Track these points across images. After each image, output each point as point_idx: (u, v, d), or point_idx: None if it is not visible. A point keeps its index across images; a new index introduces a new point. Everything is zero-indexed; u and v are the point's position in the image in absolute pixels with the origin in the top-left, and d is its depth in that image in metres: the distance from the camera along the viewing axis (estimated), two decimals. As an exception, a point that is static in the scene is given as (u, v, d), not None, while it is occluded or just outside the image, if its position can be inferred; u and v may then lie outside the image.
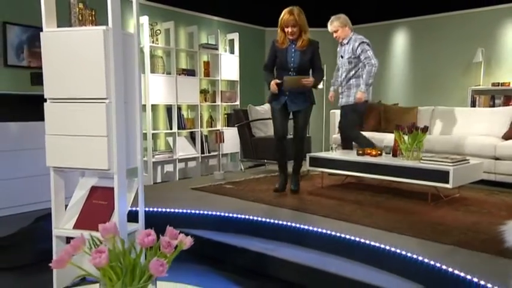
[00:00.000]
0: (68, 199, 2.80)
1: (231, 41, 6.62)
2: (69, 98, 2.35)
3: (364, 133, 5.58)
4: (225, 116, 6.53)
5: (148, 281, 1.25)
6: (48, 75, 2.38)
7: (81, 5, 2.44)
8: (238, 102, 6.58)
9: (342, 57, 4.58)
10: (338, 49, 4.66)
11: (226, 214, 3.13)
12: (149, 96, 5.20)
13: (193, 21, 6.19)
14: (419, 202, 3.53)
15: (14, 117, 4.25)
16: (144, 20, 5.24)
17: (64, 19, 2.52)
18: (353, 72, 4.46)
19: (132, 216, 2.61)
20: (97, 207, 2.54)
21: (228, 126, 6.47)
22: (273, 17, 4.30)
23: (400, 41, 6.77)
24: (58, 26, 2.46)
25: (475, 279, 1.96)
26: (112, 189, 2.56)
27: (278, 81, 3.71)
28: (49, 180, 4.58)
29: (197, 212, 3.18)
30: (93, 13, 2.45)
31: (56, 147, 2.39)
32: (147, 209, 3.10)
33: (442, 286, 2.10)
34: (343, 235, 2.60)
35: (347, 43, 4.47)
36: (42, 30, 2.28)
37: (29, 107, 4.47)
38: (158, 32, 5.58)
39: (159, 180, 5.46)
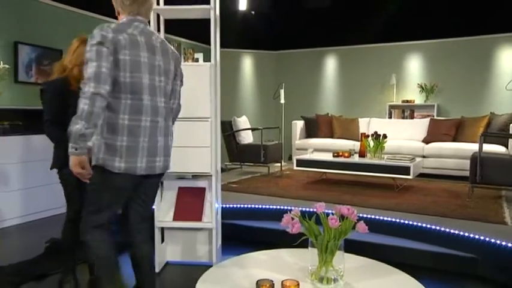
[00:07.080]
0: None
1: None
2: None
3: (320, 140, 6.45)
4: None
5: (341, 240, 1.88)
6: (159, 98, 2.76)
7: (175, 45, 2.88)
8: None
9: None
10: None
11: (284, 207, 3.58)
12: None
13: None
14: (386, 190, 4.49)
15: (30, 130, 4.27)
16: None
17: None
18: None
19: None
20: (189, 203, 2.97)
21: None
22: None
23: (331, 65, 7.87)
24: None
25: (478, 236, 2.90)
26: (196, 188, 3.04)
27: None
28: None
29: (260, 206, 3.69)
30: (191, 51, 2.90)
31: (165, 156, 2.78)
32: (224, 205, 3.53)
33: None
34: (403, 220, 3.28)
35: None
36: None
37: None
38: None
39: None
